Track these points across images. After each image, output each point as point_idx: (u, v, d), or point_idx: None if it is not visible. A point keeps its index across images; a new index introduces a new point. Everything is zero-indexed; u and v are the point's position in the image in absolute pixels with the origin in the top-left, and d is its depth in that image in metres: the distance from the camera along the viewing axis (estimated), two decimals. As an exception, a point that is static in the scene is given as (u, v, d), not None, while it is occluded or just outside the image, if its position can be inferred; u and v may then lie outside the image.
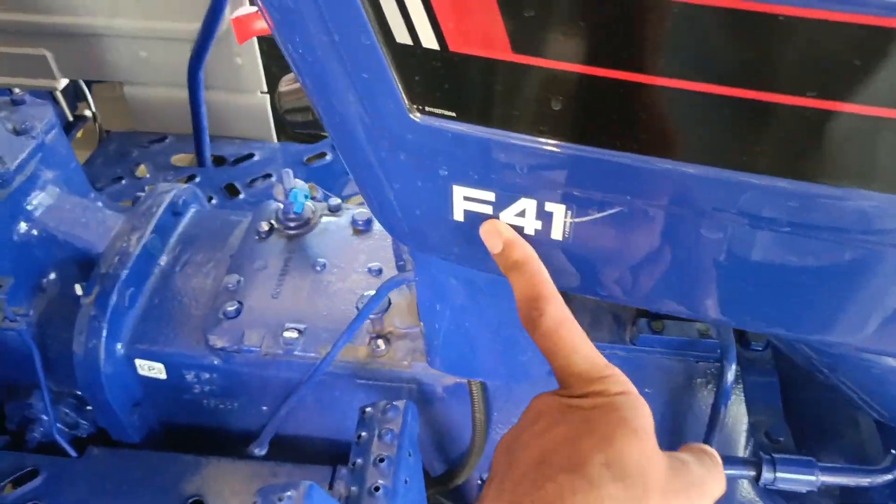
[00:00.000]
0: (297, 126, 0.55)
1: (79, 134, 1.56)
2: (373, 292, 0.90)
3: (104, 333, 0.91)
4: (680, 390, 0.81)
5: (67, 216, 0.97)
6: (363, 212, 1.03)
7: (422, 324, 0.77)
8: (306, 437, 1.00)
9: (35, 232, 0.94)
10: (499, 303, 0.65)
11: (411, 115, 0.40)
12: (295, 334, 0.88)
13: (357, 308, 0.88)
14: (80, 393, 0.99)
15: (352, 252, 0.99)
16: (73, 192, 1.01)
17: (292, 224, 1.02)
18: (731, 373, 0.73)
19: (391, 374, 0.88)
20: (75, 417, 1.01)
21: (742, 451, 0.81)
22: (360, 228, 1.02)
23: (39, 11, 1.39)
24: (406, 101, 0.40)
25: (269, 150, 1.47)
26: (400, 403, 0.84)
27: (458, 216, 0.45)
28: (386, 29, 0.37)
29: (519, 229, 0.44)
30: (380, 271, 0.96)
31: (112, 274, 0.93)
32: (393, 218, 0.49)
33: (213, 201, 1.37)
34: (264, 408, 0.96)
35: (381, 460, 0.79)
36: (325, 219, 1.04)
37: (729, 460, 0.70)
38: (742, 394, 0.81)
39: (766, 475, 0.67)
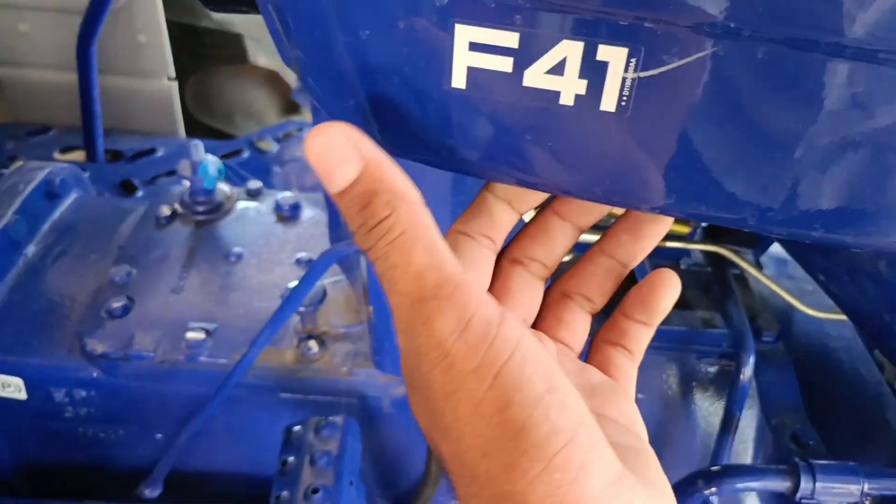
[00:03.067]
0: (211, -3, 0.39)
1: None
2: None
3: (-60, 339, 0.69)
4: (681, 394, 0.68)
5: None
6: (289, 195, 0.86)
7: (369, 313, 0.61)
8: (213, 473, 0.79)
9: None
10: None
11: None
12: (201, 335, 0.69)
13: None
14: None
15: (276, 241, 0.82)
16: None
17: (201, 208, 0.83)
18: (749, 367, 0.61)
19: (326, 385, 0.71)
20: None
21: (750, 461, 0.68)
22: (286, 215, 0.85)
23: None
24: None
25: (176, 146, 1.28)
26: (338, 419, 0.67)
27: (459, 80, 0.30)
28: None
29: (550, 97, 0.30)
30: (310, 263, 0.79)
31: (-45, 263, 0.72)
32: (349, 97, 0.33)
33: (105, 199, 1.16)
34: (159, 435, 0.76)
35: (315, 491, 0.60)
36: (241, 204, 0.86)
37: (758, 471, 0.56)
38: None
39: (805, 486, 0.54)
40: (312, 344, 0.69)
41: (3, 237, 0.75)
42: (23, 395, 0.72)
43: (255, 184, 0.88)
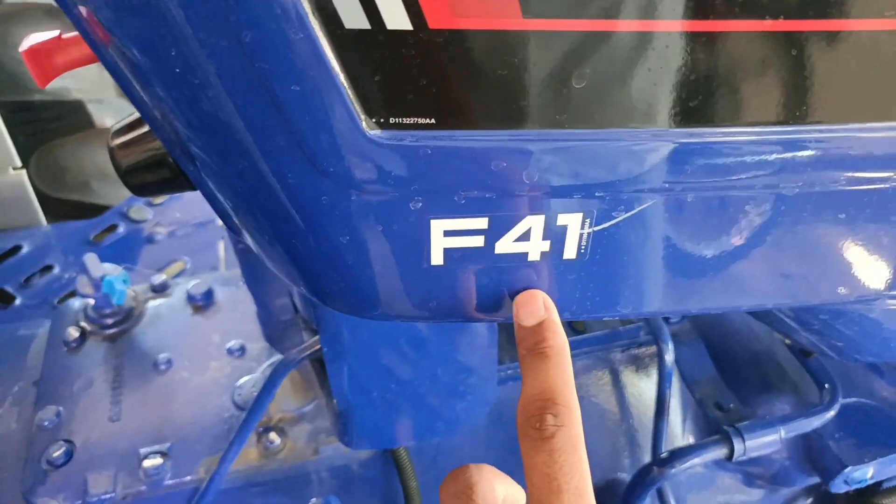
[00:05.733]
0: (146, 190, 0.39)
1: None
2: (247, 378, 0.73)
3: None
4: (612, 387, 0.76)
5: None
6: (197, 283, 0.85)
7: (332, 404, 0.63)
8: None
9: None
10: (441, 347, 0.54)
11: (370, 134, 0.28)
12: (158, 460, 0.68)
13: (235, 402, 0.71)
14: None
15: (199, 335, 0.81)
16: None
17: (111, 321, 0.80)
18: (669, 353, 0.70)
19: (294, 469, 0.72)
20: None
21: (681, 436, 0.78)
22: (201, 304, 0.83)
23: None
24: (361, 115, 0.27)
25: (41, 237, 1.19)
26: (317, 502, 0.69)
27: (437, 259, 0.34)
28: (329, 12, 0.24)
29: (519, 258, 0.34)
30: (243, 349, 0.79)
31: None
32: (331, 286, 0.36)
33: (-21, 317, 1.06)
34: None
35: (320, 581, 0.63)
36: (151, 303, 0.84)
37: (700, 447, 0.65)
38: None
39: (738, 448, 0.64)
40: (273, 436, 0.70)
41: None
42: (-27, 570, 0.68)
43: (158, 277, 0.85)
